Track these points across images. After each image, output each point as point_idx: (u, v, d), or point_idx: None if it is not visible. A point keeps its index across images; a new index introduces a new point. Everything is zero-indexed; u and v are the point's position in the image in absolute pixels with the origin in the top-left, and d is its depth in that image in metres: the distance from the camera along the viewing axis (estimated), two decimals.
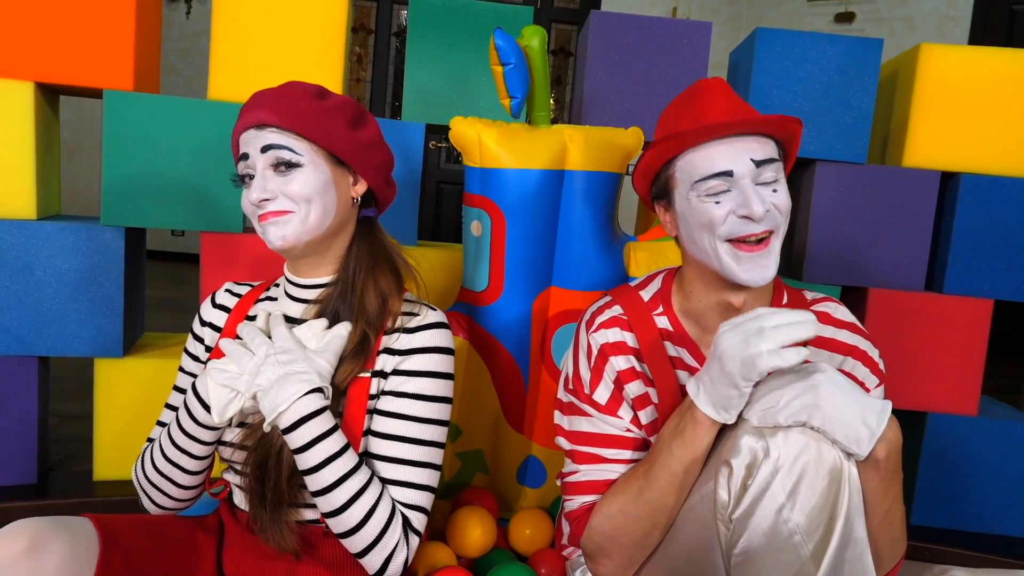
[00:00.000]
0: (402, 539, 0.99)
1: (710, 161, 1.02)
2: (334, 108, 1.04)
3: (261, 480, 1.02)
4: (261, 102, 1.01)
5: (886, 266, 1.89)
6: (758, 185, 1.02)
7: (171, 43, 5.77)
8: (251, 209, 1.03)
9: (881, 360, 1.13)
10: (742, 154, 1.01)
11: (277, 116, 1.00)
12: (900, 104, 1.94)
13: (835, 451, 0.90)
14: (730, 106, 1.04)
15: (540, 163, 1.45)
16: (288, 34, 1.73)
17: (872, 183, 1.86)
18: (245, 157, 1.02)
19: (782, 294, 1.14)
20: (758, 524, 0.91)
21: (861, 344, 1.12)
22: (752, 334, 0.91)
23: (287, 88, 1.04)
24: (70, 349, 1.69)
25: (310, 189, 1.01)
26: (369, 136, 1.09)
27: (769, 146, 1.03)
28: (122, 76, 1.65)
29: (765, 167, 1.02)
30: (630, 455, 1.12)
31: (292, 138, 1.01)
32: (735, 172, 1.01)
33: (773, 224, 1.02)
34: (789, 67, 1.83)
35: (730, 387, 0.94)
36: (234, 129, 1.05)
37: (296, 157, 1.01)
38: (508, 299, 1.50)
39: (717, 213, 1.01)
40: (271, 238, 1.01)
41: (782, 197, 1.02)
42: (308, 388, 0.96)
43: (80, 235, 1.66)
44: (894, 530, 1.00)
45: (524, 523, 1.49)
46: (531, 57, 1.42)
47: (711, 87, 1.06)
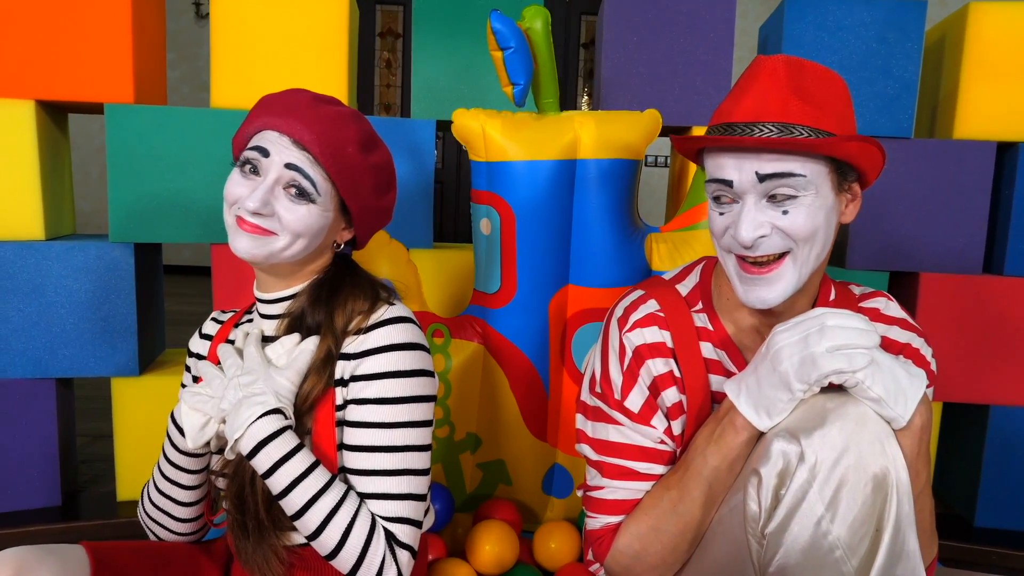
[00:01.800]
0: (388, 556, 0.93)
1: (717, 166, 0.91)
2: (372, 168, 1.00)
3: (240, 509, 0.97)
4: (304, 117, 0.94)
5: (939, 248, 1.74)
6: (767, 202, 0.89)
7: (204, 60, 5.84)
8: (235, 202, 0.96)
9: (934, 360, 1.03)
10: (748, 165, 0.88)
11: (320, 148, 0.94)
12: (949, 71, 1.78)
13: (879, 455, 0.81)
14: (766, 103, 0.88)
15: (550, 153, 1.36)
16: (289, 39, 1.68)
17: (920, 159, 1.72)
18: (263, 152, 0.94)
19: (829, 290, 1.03)
20: (794, 539, 0.82)
21: (914, 342, 1.02)
22: (813, 332, 0.83)
23: (337, 119, 0.96)
24: (86, 369, 1.67)
25: (306, 226, 0.96)
26: (388, 202, 1.06)
27: (793, 162, 0.87)
28: (122, 89, 1.62)
29: (775, 182, 0.87)
30: (662, 470, 1.01)
31: (321, 176, 0.96)
32: (735, 184, 0.89)
33: (776, 248, 0.89)
34: (823, 37, 1.70)
35: (781, 389, 0.85)
36: (254, 114, 0.97)
37: (315, 195, 0.95)
38: (522, 300, 1.41)
39: (720, 223, 0.93)
40: (240, 248, 0.95)
41: (796, 220, 0.88)
42: (262, 411, 0.91)
43: (89, 254, 1.64)
44: (924, 522, 0.90)
45: (549, 536, 1.41)
46: (534, 40, 1.33)
47: (760, 74, 0.91)
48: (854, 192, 0.94)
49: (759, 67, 0.91)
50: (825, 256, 0.94)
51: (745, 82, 0.92)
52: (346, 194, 0.98)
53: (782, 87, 0.88)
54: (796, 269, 0.90)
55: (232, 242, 0.96)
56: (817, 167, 0.88)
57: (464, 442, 1.47)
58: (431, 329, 1.44)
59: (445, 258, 1.73)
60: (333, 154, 0.94)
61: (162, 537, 1.09)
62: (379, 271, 1.43)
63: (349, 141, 0.96)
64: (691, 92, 1.75)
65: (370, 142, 1.00)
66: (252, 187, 0.94)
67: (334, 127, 0.95)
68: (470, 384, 1.44)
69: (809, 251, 0.90)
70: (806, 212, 0.88)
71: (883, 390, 0.82)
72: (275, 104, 0.96)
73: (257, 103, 0.98)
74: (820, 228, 0.89)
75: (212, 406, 0.95)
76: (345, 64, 1.70)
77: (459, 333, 1.45)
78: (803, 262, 0.90)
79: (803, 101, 0.87)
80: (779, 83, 0.88)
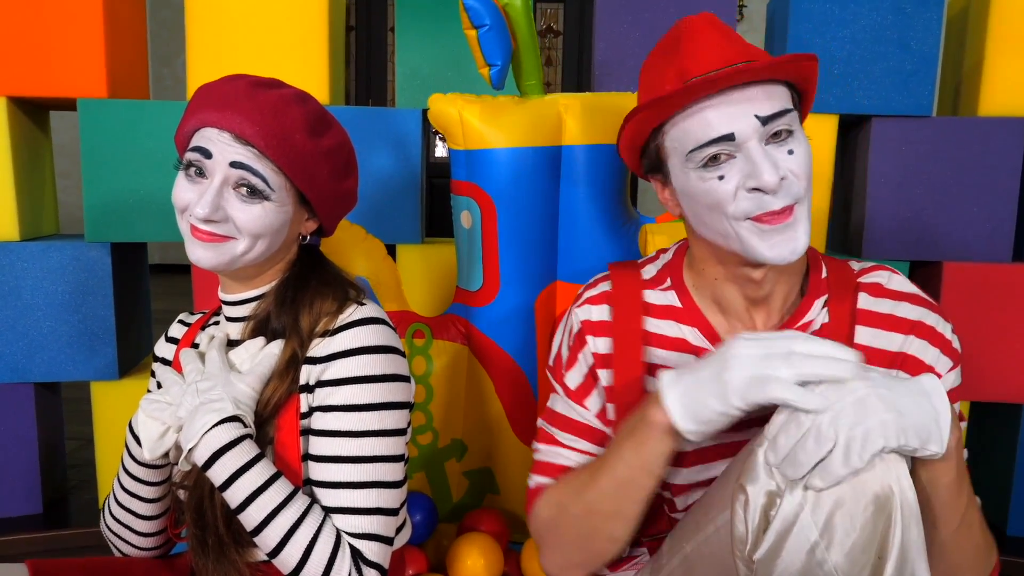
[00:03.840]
0: (353, 574, 0.86)
1: (705, 125, 0.82)
2: (327, 153, 0.92)
3: (200, 524, 0.90)
4: (242, 108, 0.86)
5: (963, 235, 1.61)
6: (769, 145, 0.81)
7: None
8: (185, 209, 0.89)
9: (955, 337, 0.91)
10: (744, 111, 0.80)
11: (264, 140, 0.86)
12: (973, 44, 1.65)
13: (880, 472, 0.70)
14: (723, 49, 0.83)
15: (533, 140, 1.27)
16: (267, 29, 1.61)
17: (942, 138, 1.59)
18: (204, 153, 0.87)
19: (819, 266, 0.93)
20: (786, 567, 0.72)
21: (927, 318, 0.89)
22: (777, 354, 0.73)
23: (279, 104, 0.88)
24: (64, 374, 1.62)
25: (264, 226, 0.88)
26: (349, 186, 0.98)
27: (779, 93, 0.82)
28: (95, 84, 1.57)
29: (776, 122, 0.81)
30: (587, 446, 0.97)
31: (271, 169, 0.87)
32: (737, 135, 0.80)
33: (792, 196, 0.81)
34: (834, 10, 1.58)
35: (717, 399, 0.75)
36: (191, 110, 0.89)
37: (267, 191, 0.87)
38: (506, 298, 1.32)
39: (724, 190, 0.82)
40: (198, 257, 0.88)
41: (799, 160, 0.82)
42: (218, 418, 0.85)
43: (65, 254, 1.59)
44: (974, 535, 0.81)
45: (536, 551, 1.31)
46: (512, 17, 1.23)
47: (695, 27, 0.85)
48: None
49: (692, 24, 0.87)
50: None
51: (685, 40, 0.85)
52: (302, 185, 0.90)
53: (725, 34, 0.85)
54: (806, 217, 0.83)
55: (189, 252, 0.89)
56: (793, 98, 0.84)
57: (449, 449, 1.39)
58: (412, 329, 1.35)
59: (433, 254, 1.65)
60: (279, 144, 0.86)
61: (126, 552, 1.03)
62: (355, 268, 1.35)
63: (296, 128, 0.88)
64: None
65: (319, 124, 0.92)
66: (200, 191, 0.87)
67: (277, 114, 0.87)
68: (454, 388, 1.36)
69: (810, 194, 0.84)
70: (803, 148, 0.83)
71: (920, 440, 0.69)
72: (211, 96, 0.87)
73: (194, 95, 0.90)
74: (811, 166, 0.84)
75: (169, 414, 0.88)
76: (325, 55, 1.62)
77: (441, 334, 1.36)
78: (807, 209, 0.83)
79: (743, 43, 0.85)
80: (720, 32, 0.85)
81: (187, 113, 0.90)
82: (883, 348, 0.90)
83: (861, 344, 0.90)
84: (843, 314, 0.92)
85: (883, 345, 0.90)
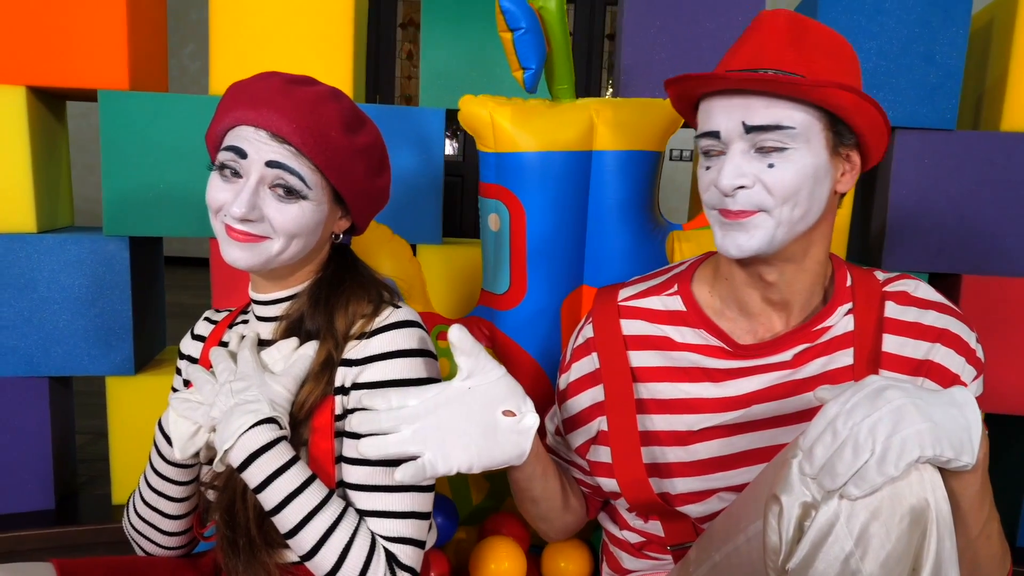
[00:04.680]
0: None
1: (706, 117, 0.89)
2: (362, 149, 0.92)
3: (230, 525, 0.90)
4: (279, 105, 0.85)
5: (983, 248, 1.62)
6: (755, 153, 0.85)
7: None
8: (219, 209, 0.88)
9: (980, 346, 0.92)
10: (734, 114, 0.84)
11: (301, 138, 0.85)
12: (997, 58, 1.66)
13: (916, 484, 0.70)
14: (762, 52, 0.85)
15: (563, 144, 1.26)
16: (292, 22, 1.60)
17: (964, 152, 1.60)
18: (239, 153, 0.86)
19: (845, 274, 0.96)
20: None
21: (953, 326, 0.91)
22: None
23: (315, 102, 0.88)
24: (80, 368, 1.60)
25: (301, 225, 0.88)
26: (383, 184, 0.98)
27: (783, 110, 0.83)
28: (117, 75, 1.55)
29: (763, 134, 0.83)
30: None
31: (308, 167, 0.87)
32: (722, 134, 0.86)
33: (753, 205, 0.85)
34: (861, 22, 1.58)
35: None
36: (225, 108, 0.88)
37: (304, 190, 0.87)
38: (533, 301, 1.32)
39: (706, 179, 0.90)
40: (233, 258, 0.88)
41: (780, 175, 0.84)
42: (255, 420, 0.84)
43: (83, 247, 1.57)
44: (992, 545, 0.82)
45: (559, 553, 1.32)
46: (547, 20, 1.23)
47: (761, 24, 0.88)
48: (853, 161, 0.89)
49: (761, 19, 0.88)
50: (817, 225, 0.89)
51: (745, 34, 0.89)
52: (338, 183, 0.90)
53: (781, 37, 0.86)
54: (772, 227, 0.85)
55: (225, 252, 0.88)
56: (808, 120, 0.84)
57: None
58: (436, 331, 1.35)
59: (455, 255, 1.65)
60: (316, 142, 0.86)
61: (149, 551, 1.03)
62: (381, 269, 1.35)
63: (332, 124, 0.88)
64: None
65: (355, 121, 0.92)
66: (235, 191, 0.86)
67: (314, 112, 0.86)
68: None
69: (789, 210, 0.85)
70: (793, 168, 0.84)
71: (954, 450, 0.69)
72: (245, 94, 0.86)
73: (226, 93, 0.89)
74: (804, 187, 0.84)
75: (202, 414, 0.88)
76: (351, 49, 1.62)
77: None
78: (778, 222, 0.85)
79: (799, 52, 0.85)
80: (778, 34, 0.86)
81: (220, 111, 0.89)
82: (909, 356, 0.91)
83: (888, 352, 0.92)
84: (869, 322, 0.93)
85: (909, 353, 0.91)
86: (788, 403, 0.93)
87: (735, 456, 0.95)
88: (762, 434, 0.95)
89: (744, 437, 0.95)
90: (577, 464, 1.11)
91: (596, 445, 1.04)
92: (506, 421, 0.87)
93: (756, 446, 0.95)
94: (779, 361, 0.94)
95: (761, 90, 0.84)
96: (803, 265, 0.92)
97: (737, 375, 0.96)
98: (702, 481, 0.97)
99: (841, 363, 0.93)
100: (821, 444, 0.71)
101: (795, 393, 0.93)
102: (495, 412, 0.87)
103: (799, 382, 0.93)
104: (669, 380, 0.99)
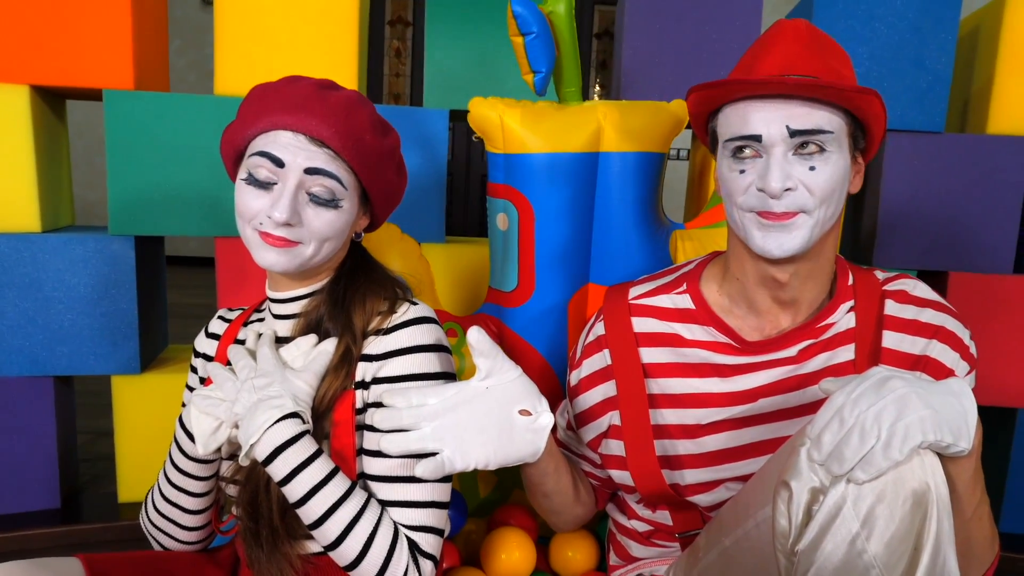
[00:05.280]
0: (411, 566, 0.88)
1: (742, 121, 0.90)
2: (390, 152, 0.95)
3: (253, 517, 0.92)
4: (316, 110, 0.86)
5: (969, 247, 1.68)
6: (794, 156, 0.88)
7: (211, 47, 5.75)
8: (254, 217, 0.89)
9: (973, 343, 0.97)
10: (778, 118, 0.87)
11: (340, 142, 0.87)
12: (983, 64, 1.71)
13: (917, 469, 0.74)
14: (793, 58, 0.88)
15: (571, 146, 1.29)
16: (297, 21, 1.61)
17: (952, 154, 1.65)
18: (276, 162, 0.86)
19: (847, 273, 1.00)
20: (827, 557, 0.76)
21: (949, 324, 0.96)
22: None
23: (349, 106, 0.89)
24: (85, 368, 1.61)
25: (335, 230, 0.91)
26: (404, 183, 1.02)
27: (822, 115, 0.87)
28: (122, 75, 1.56)
29: (806, 137, 0.87)
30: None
31: (345, 170, 0.90)
32: (764, 138, 0.87)
33: (797, 206, 0.88)
34: (854, 27, 1.63)
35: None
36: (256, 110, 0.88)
37: (343, 193, 0.90)
38: (540, 299, 1.35)
39: (742, 183, 0.90)
40: (270, 262, 0.89)
41: (820, 177, 0.87)
42: (280, 415, 0.86)
43: (88, 247, 1.58)
44: (984, 527, 0.86)
45: (566, 543, 1.35)
46: (556, 25, 1.26)
47: (784, 32, 0.91)
48: (859, 163, 0.94)
49: (781, 28, 0.91)
50: (835, 225, 0.93)
51: (768, 41, 0.91)
52: (370, 184, 0.93)
53: (808, 45, 0.89)
54: (811, 227, 0.89)
55: (258, 255, 0.90)
56: (840, 124, 0.88)
57: None
58: (445, 328, 1.37)
59: (457, 253, 1.67)
60: (355, 145, 0.88)
61: (167, 546, 1.05)
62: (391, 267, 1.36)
63: (365, 128, 0.90)
64: None
65: (381, 124, 0.95)
66: (272, 198, 0.87)
67: (349, 115, 0.88)
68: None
69: (824, 211, 0.89)
70: (831, 170, 0.87)
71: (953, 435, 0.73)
72: (278, 98, 0.87)
73: (251, 97, 0.90)
74: (837, 189, 0.89)
75: (224, 410, 0.90)
76: (355, 47, 1.63)
77: None
78: (816, 222, 0.89)
79: (823, 60, 0.89)
80: (804, 42, 0.89)
81: (248, 116, 0.89)
82: (907, 352, 0.96)
83: (887, 347, 0.96)
84: (870, 319, 0.97)
85: (907, 349, 0.96)
86: (793, 397, 0.97)
87: (742, 448, 0.99)
88: (768, 427, 0.98)
89: (751, 430, 0.99)
90: (588, 458, 1.14)
91: (607, 439, 1.07)
92: (522, 420, 0.90)
93: (762, 438, 0.99)
94: (785, 357, 0.98)
95: (804, 95, 0.86)
96: (817, 264, 0.95)
97: (745, 370, 0.99)
98: (710, 472, 1.01)
99: (843, 358, 0.97)
100: (829, 431, 0.75)
101: (800, 387, 0.97)
102: (512, 411, 0.90)
103: (804, 376, 0.97)
104: (679, 376, 1.02)
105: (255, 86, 0.90)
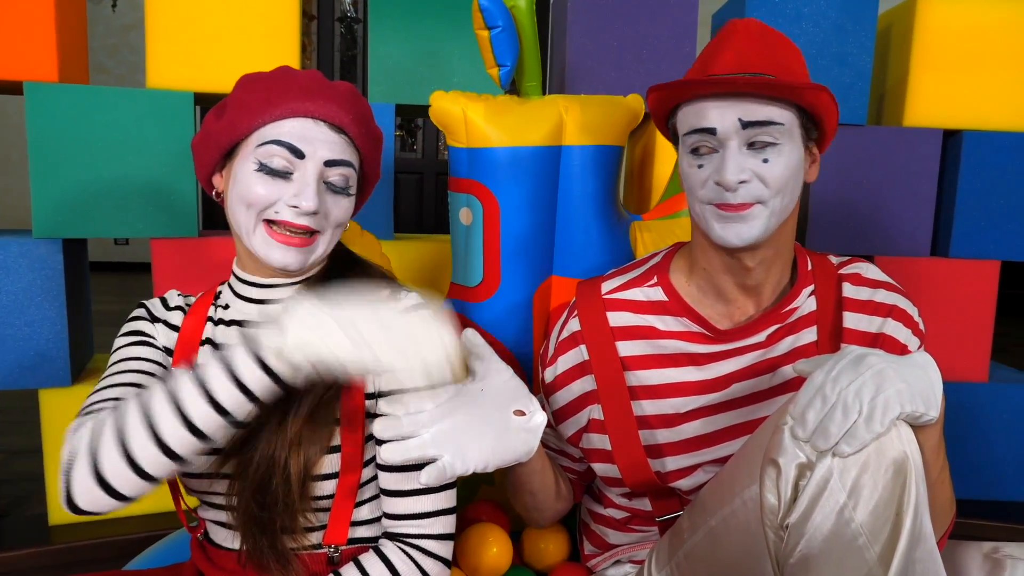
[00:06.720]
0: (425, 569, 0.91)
1: (697, 116, 0.94)
2: (380, 134, 0.96)
3: (263, 505, 0.87)
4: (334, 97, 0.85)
5: (890, 232, 1.80)
6: (749, 149, 0.92)
7: (98, 39, 5.43)
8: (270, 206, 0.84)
9: (921, 320, 1.05)
10: (730, 112, 0.92)
11: (357, 128, 0.87)
12: (897, 60, 1.84)
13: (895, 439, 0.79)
14: (748, 56, 0.93)
15: (534, 139, 1.30)
16: (235, 10, 1.54)
17: (873, 145, 1.76)
18: (295, 152, 0.84)
19: (805, 260, 1.06)
20: (817, 528, 0.80)
21: (900, 303, 1.03)
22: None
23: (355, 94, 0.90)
24: (10, 382, 1.49)
25: (348, 216, 0.92)
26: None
27: (773, 109, 0.92)
28: (45, 66, 1.45)
29: (757, 129, 0.91)
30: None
31: (357, 158, 0.91)
32: (719, 131, 0.92)
33: (752, 197, 0.93)
34: (782, 25, 1.71)
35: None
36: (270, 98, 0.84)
37: (354, 180, 0.90)
38: (506, 293, 1.35)
39: (699, 177, 0.96)
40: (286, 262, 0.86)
41: (774, 169, 0.92)
42: None
43: (10, 251, 1.46)
44: (946, 489, 0.94)
45: (539, 537, 1.36)
46: (518, 19, 1.26)
47: (736, 32, 0.95)
48: (814, 154, 1.00)
49: (734, 27, 0.96)
50: (792, 213, 0.98)
51: (722, 40, 0.95)
52: (370, 170, 0.95)
53: (759, 43, 0.94)
54: (767, 216, 0.93)
55: (267, 253, 0.86)
56: (791, 117, 0.93)
57: None
58: None
59: (409, 250, 1.65)
60: (367, 131, 0.90)
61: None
62: None
63: (369, 116, 0.92)
64: (655, 78, 1.72)
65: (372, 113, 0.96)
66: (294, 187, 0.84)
67: (359, 102, 0.89)
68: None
69: (780, 200, 0.93)
70: (784, 161, 0.92)
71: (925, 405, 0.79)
72: (294, 84, 0.85)
73: (251, 87, 0.87)
74: (791, 179, 0.94)
75: None
76: (297, 40, 1.58)
77: None
78: (772, 211, 0.93)
79: (774, 57, 0.93)
80: (755, 40, 0.94)
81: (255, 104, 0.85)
82: (865, 330, 1.02)
83: (848, 328, 1.02)
84: (829, 302, 1.04)
85: (865, 328, 1.02)
86: (764, 380, 1.02)
87: (718, 432, 1.03)
88: (742, 410, 1.03)
89: (726, 415, 1.03)
90: (567, 453, 1.16)
91: (588, 433, 1.09)
92: (517, 420, 0.91)
93: (737, 422, 1.03)
94: (755, 343, 1.03)
95: (754, 92, 0.91)
96: (777, 250, 1.00)
97: (718, 358, 1.03)
98: (689, 458, 1.04)
99: (807, 340, 1.03)
100: (812, 409, 0.79)
101: (770, 371, 1.02)
102: (507, 412, 0.91)
103: (773, 360, 1.02)
104: (656, 367, 1.05)
105: (246, 75, 0.88)
